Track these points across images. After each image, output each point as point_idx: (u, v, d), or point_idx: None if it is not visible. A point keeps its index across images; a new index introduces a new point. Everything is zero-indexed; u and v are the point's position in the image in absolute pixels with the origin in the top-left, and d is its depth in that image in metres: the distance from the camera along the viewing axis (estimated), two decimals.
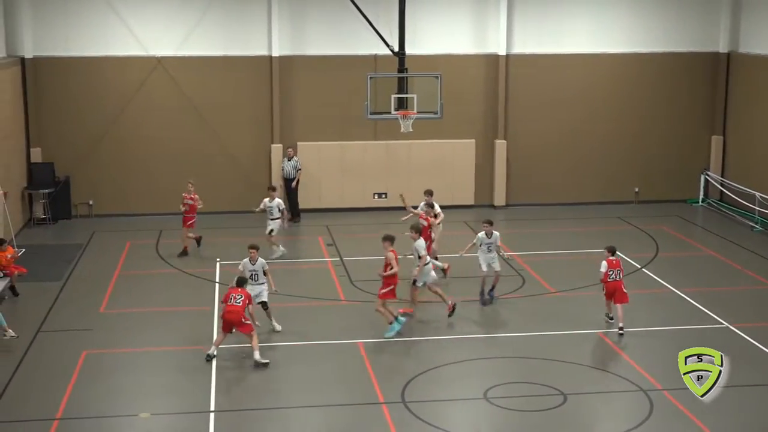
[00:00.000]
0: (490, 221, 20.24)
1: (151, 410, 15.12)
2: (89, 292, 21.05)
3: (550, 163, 29.45)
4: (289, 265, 23.56)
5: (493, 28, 28.54)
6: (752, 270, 22.80)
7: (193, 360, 17.13)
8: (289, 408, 15.36)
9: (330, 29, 27.98)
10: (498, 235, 20.11)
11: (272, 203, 23.40)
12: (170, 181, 27.97)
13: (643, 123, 29.63)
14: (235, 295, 17.02)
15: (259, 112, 28.13)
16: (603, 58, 29.19)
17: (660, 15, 29.20)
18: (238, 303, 16.87)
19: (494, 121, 29.04)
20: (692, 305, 20.16)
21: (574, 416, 15.06)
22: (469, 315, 19.68)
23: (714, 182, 29.60)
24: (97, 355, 17.37)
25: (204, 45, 27.65)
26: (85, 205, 27.82)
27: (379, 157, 28.61)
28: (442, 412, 15.10)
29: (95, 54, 27.23)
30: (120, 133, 27.68)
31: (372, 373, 16.48)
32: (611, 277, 18.39)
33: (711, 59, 29.45)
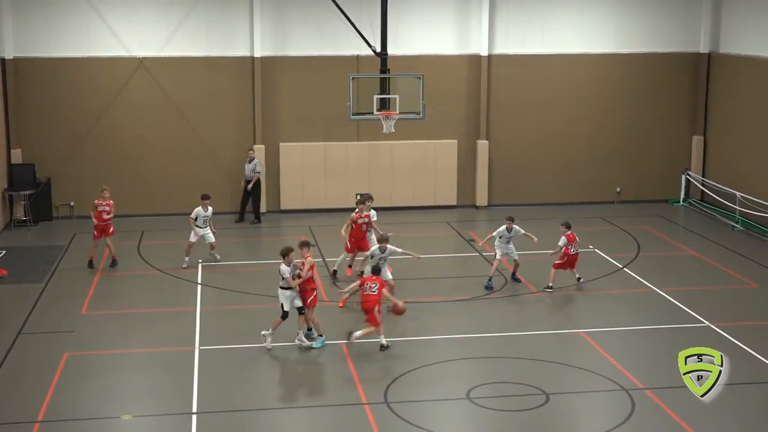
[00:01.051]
0: (512, 218, 21.40)
1: (133, 412, 15.08)
2: (71, 294, 20.97)
3: (532, 164, 29.53)
4: (272, 265, 23.51)
5: (476, 29, 28.59)
6: (733, 269, 22.92)
7: (175, 361, 17.10)
8: (271, 409, 15.34)
9: (312, 30, 27.96)
10: (517, 229, 21.18)
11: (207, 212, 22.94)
12: (152, 183, 27.95)
13: (624, 123, 29.75)
14: (371, 284, 17.71)
15: (242, 112, 28.09)
16: (585, 59, 29.28)
17: (642, 15, 29.32)
18: (374, 292, 17.58)
19: (476, 121, 29.09)
20: (674, 304, 20.25)
21: (556, 416, 15.11)
22: (451, 315, 19.71)
23: (695, 182, 29.75)
24: (78, 356, 17.30)
25: (186, 45, 27.58)
26: (67, 206, 27.72)
27: (361, 158, 28.61)
28: (425, 413, 15.11)
29: (77, 55, 27.12)
30: (101, 135, 27.58)
31: (355, 374, 16.48)
32: (572, 251, 20.72)
33: (692, 60, 29.60)
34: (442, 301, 20.55)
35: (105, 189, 23.04)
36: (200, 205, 22.94)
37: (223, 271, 22.79)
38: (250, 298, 20.73)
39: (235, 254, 24.60)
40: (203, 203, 22.95)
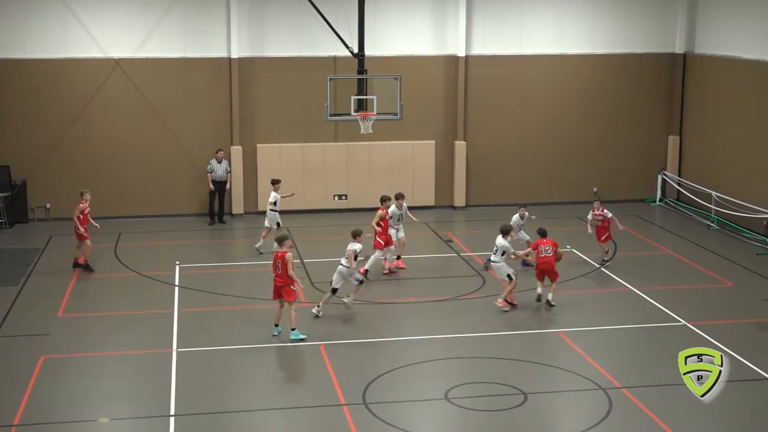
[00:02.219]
0: (524, 205, 23.04)
1: (110, 415, 15.01)
2: (47, 297, 20.85)
3: (510, 164, 29.62)
4: (250, 267, 23.51)
5: (452, 30, 28.65)
6: (709, 268, 23.07)
7: (153, 364, 17.04)
8: (249, 411, 15.30)
9: (289, 31, 27.93)
10: (529, 215, 22.84)
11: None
12: (129, 184, 27.83)
13: (601, 123, 29.89)
14: (545, 246, 19.85)
15: (219, 113, 28.01)
16: (562, 59, 29.40)
17: (618, 16, 29.46)
18: (549, 253, 19.82)
19: (454, 122, 29.15)
20: (650, 303, 20.36)
21: (534, 415, 15.16)
22: (429, 316, 19.74)
23: (671, 182, 29.92)
24: (55, 359, 17.20)
25: (163, 47, 27.48)
26: (43, 208, 27.55)
27: (339, 159, 28.60)
28: (404, 413, 15.12)
29: (52, 56, 26.96)
30: (78, 136, 27.43)
31: (333, 375, 16.48)
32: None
33: (668, 60, 29.78)
34: (420, 301, 20.57)
35: (87, 192, 22.95)
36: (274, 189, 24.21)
37: (200, 272, 22.73)
38: (227, 299, 20.69)
39: (212, 256, 24.55)
40: (277, 187, 24.22)
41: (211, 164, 27.20)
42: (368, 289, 20.90)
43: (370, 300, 20.43)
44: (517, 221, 22.44)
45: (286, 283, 17.97)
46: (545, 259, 19.87)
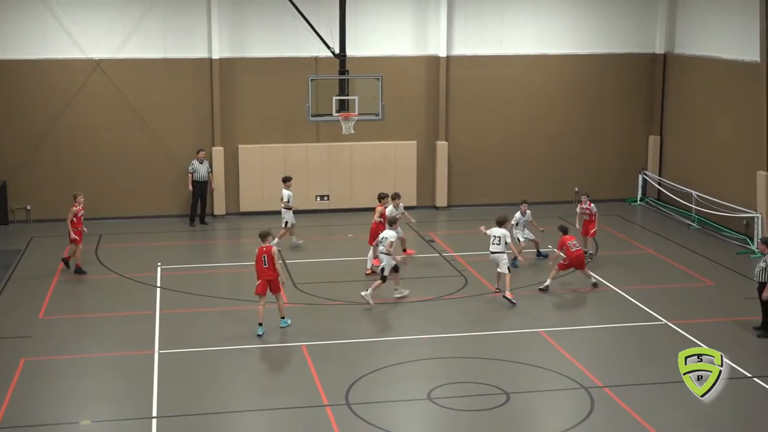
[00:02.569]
0: (526, 201, 23.40)
1: (92, 417, 14.94)
2: (28, 298, 20.73)
3: (491, 164, 29.67)
4: (232, 269, 23.47)
5: (434, 30, 28.67)
6: (689, 267, 23.19)
7: (135, 365, 16.98)
8: (232, 412, 15.26)
9: (270, 31, 27.88)
10: (529, 213, 23.23)
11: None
12: (109, 185, 27.70)
13: (582, 123, 29.98)
14: (573, 242, 20.93)
15: (200, 114, 27.93)
16: (543, 59, 29.47)
17: (599, 17, 29.56)
18: (579, 247, 21.15)
19: (435, 122, 29.17)
20: (632, 303, 20.45)
21: (517, 415, 15.19)
22: (412, 316, 19.75)
23: (652, 182, 30.05)
24: (36, 362, 17.11)
25: (143, 47, 27.38)
26: (23, 210, 27.39)
27: (321, 159, 28.58)
28: (386, 414, 15.13)
29: (32, 57, 26.80)
30: (58, 137, 27.29)
31: (315, 376, 16.47)
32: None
33: (648, 60, 29.91)
34: (402, 301, 20.57)
35: (80, 194, 22.76)
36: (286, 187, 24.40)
37: (182, 273, 22.66)
38: (209, 300, 20.64)
39: (194, 257, 24.49)
40: (288, 184, 24.44)
41: (193, 165, 27.12)
42: (350, 290, 20.89)
43: (352, 301, 20.42)
44: (518, 218, 23.01)
45: (274, 276, 18.19)
46: (577, 253, 20.93)
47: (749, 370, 16.65)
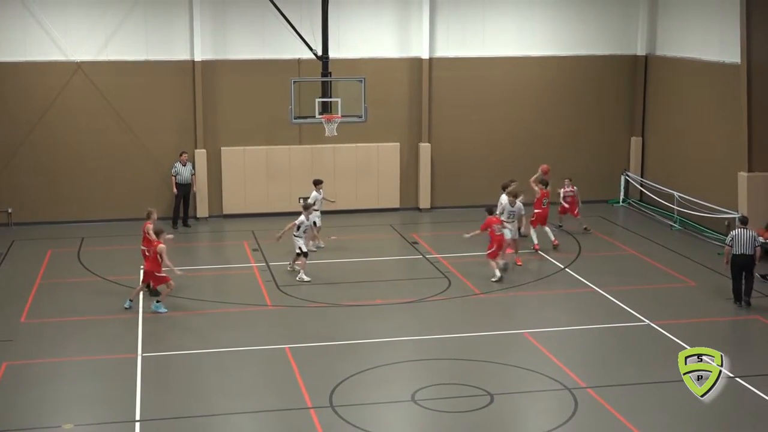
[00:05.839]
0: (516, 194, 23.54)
1: (75, 421, 14.88)
2: (9, 302, 20.62)
3: (475, 166, 29.70)
4: (215, 271, 23.42)
5: (416, 32, 28.70)
6: (672, 268, 23.28)
7: (118, 369, 16.91)
8: (216, 415, 15.23)
9: (253, 33, 27.84)
10: (521, 206, 23.44)
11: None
12: (91, 189, 27.59)
13: (564, 125, 30.06)
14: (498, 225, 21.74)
15: (182, 117, 27.86)
16: (525, 61, 29.54)
17: (580, 18, 29.65)
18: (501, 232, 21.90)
19: (418, 124, 29.20)
20: (614, 303, 20.52)
21: (500, 416, 15.22)
22: (395, 318, 19.75)
23: (634, 182, 30.17)
24: (18, 366, 17.02)
25: (125, 49, 27.28)
26: (4, 213, 27.23)
27: (304, 161, 28.55)
28: (370, 415, 15.13)
29: (12, 59, 26.67)
30: (39, 140, 27.14)
31: (299, 378, 16.45)
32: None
33: (630, 62, 30.02)
34: (386, 303, 20.58)
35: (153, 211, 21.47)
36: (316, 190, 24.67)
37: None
38: (192, 303, 20.58)
39: (177, 260, 24.37)
40: (319, 187, 24.70)
41: (176, 167, 27.05)
42: (333, 292, 20.88)
43: (336, 302, 20.42)
44: (505, 206, 23.41)
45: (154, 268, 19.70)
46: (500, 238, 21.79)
47: (731, 370, 16.66)
